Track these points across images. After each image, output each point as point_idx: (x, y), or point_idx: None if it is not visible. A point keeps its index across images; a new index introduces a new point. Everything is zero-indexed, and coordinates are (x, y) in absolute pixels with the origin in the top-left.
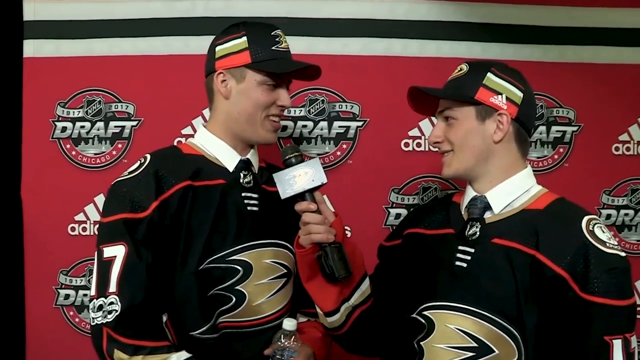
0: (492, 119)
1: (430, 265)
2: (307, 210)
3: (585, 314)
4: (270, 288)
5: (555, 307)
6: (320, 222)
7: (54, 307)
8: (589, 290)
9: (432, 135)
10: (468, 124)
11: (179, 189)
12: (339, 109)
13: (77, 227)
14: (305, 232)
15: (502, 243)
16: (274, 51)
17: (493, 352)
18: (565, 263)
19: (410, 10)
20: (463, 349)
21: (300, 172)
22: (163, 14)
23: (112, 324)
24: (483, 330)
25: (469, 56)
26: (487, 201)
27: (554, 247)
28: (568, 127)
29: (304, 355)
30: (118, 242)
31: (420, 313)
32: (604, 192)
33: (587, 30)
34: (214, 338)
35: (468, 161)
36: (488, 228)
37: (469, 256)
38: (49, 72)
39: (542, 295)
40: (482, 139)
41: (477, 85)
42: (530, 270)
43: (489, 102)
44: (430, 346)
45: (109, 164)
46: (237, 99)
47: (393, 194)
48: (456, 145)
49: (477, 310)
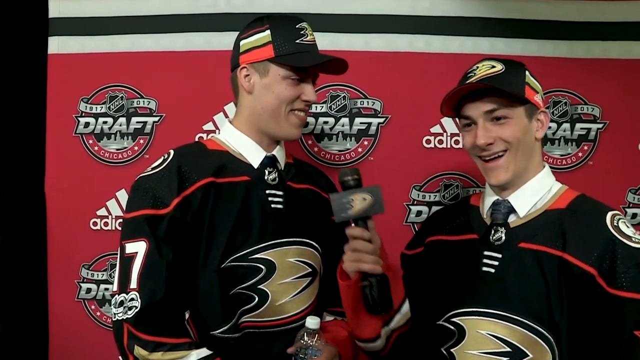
0: (534, 117)
1: (455, 272)
2: (359, 237)
3: (614, 310)
4: (295, 287)
5: (585, 305)
6: (371, 252)
7: (76, 300)
8: (617, 285)
9: (484, 137)
10: (522, 122)
11: (201, 186)
12: (360, 106)
13: (99, 222)
14: (353, 258)
15: (530, 247)
16: (298, 44)
17: (527, 356)
18: (593, 260)
19: (433, 6)
20: (496, 354)
21: (358, 196)
22: (185, 10)
23: (132, 320)
24: (516, 335)
25: (492, 52)
26: (511, 205)
27: (580, 245)
28: (593, 124)
29: (328, 354)
30: (139, 238)
31: (449, 320)
32: (629, 191)
33: (616, 25)
34: (236, 338)
35: (523, 161)
36: (513, 232)
37: (497, 261)
38: (72, 69)
39: (572, 294)
40: (531, 138)
41: (523, 84)
42: (558, 271)
43: (533, 101)
44: (462, 352)
45: (131, 159)
46: (261, 93)
47: (414, 191)
48: (513, 144)
49: (508, 315)
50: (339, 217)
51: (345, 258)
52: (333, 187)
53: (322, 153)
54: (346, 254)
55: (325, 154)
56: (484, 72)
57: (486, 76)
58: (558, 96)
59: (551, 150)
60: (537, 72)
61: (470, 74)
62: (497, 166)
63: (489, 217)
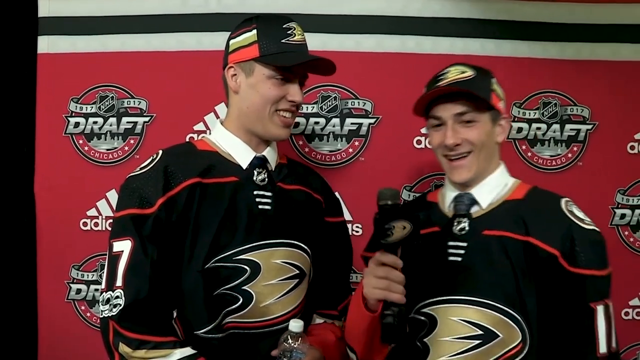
0: (497, 122)
1: (422, 265)
2: (392, 266)
3: (575, 286)
4: (281, 289)
5: (550, 285)
6: (401, 282)
7: (65, 301)
8: (577, 264)
9: (453, 138)
10: (486, 127)
11: (187, 186)
12: (351, 106)
13: (89, 222)
14: (382, 286)
15: (494, 234)
16: (283, 44)
17: (498, 337)
18: (555, 243)
19: (423, 7)
20: (469, 338)
21: (399, 224)
22: (176, 10)
23: (117, 317)
24: (486, 318)
25: (482, 53)
26: (473, 197)
27: (543, 230)
28: (582, 125)
29: (311, 357)
30: (125, 237)
31: (419, 311)
32: (618, 192)
33: (604, 27)
34: (219, 338)
35: (484, 162)
36: (477, 222)
37: (463, 250)
38: (62, 68)
39: (538, 275)
40: (493, 142)
41: (489, 91)
42: (524, 255)
43: (497, 107)
44: (436, 341)
45: (121, 159)
46: (247, 93)
47: (405, 192)
48: (477, 146)
49: (478, 299)
50: (377, 242)
51: (371, 284)
52: (328, 188)
53: (313, 153)
54: (369, 279)
55: (316, 154)
56: (454, 76)
57: (457, 80)
58: (548, 97)
59: (541, 151)
60: (527, 73)
61: (441, 77)
62: (461, 165)
63: (451, 210)
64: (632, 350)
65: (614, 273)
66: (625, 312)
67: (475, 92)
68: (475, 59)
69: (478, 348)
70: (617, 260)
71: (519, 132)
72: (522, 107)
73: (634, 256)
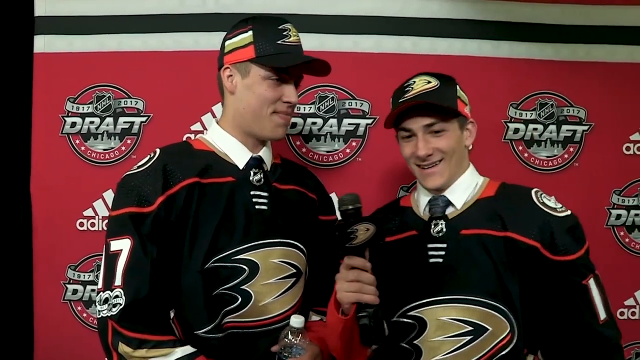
0: (464, 127)
1: (403, 269)
2: (362, 268)
3: (563, 272)
4: (279, 288)
5: (533, 274)
6: (372, 283)
7: (62, 302)
8: (560, 252)
9: (425, 149)
10: (455, 134)
11: (185, 185)
12: (348, 107)
13: (86, 223)
14: (353, 289)
15: (472, 232)
16: (279, 45)
17: (488, 330)
18: (534, 235)
19: (421, 8)
20: (460, 335)
21: (362, 227)
22: (173, 10)
23: (116, 317)
24: (474, 313)
25: (479, 54)
26: (447, 199)
27: (520, 223)
28: (579, 126)
29: (311, 353)
30: (124, 235)
31: (406, 315)
32: (614, 192)
33: (599, 29)
34: (219, 338)
35: (455, 167)
36: (453, 222)
37: (443, 251)
38: (59, 68)
39: (520, 266)
40: (462, 147)
41: (455, 98)
42: (505, 249)
43: (464, 113)
44: (426, 342)
45: (118, 159)
46: (243, 94)
47: (402, 192)
48: (448, 154)
49: (463, 297)
50: (342, 247)
51: (343, 288)
52: (321, 187)
53: (310, 154)
54: (341, 284)
55: (314, 154)
56: (420, 87)
57: (423, 91)
58: (545, 98)
59: (537, 151)
60: (524, 73)
61: (408, 88)
62: (434, 172)
63: (427, 213)
64: (627, 350)
65: (610, 273)
66: (621, 312)
67: (441, 102)
68: (472, 60)
69: (470, 344)
70: (612, 260)
71: (516, 132)
72: (519, 108)
73: (629, 256)
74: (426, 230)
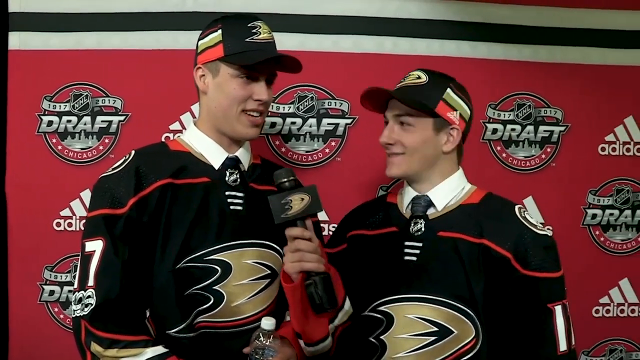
0: (445, 131)
1: (379, 264)
2: (300, 237)
3: (530, 288)
4: (252, 289)
5: (501, 284)
6: (313, 251)
7: (38, 303)
8: (530, 267)
9: (385, 137)
10: (425, 133)
11: (158, 186)
12: (328, 106)
13: (63, 223)
14: (295, 259)
15: (448, 235)
16: (248, 43)
17: (453, 333)
18: (509, 246)
19: (400, 8)
20: (425, 335)
21: (296, 197)
22: (153, 8)
23: (88, 316)
24: (441, 315)
25: (458, 55)
26: (430, 199)
27: (497, 233)
28: (556, 127)
29: (283, 355)
30: (97, 237)
31: (375, 309)
32: (590, 192)
33: (575, 32)
34: (190, 337)
35: (417, 166)
36: (432, 223)
37: (418, 250)
38: (35, 65)
39: (489, 273)
40: (434, 149)
41: (437, 99)
42: (478, 256)
43: (445, 116)
44: (392, 338)
45: (96, 159)
46: (214, 93)
47: (381, 192)
48: (409, 150)
49: (432, 297)
50: (279, 218)
51: (287, 260)
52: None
53: (290, 154)
54: (287, 255)
55: (293, 154)
56: (409, 81)
57: (408, 84)
58: (522, 99)
59: (515, 152)
60: (502, 74)
61: (402, 80)
62: (393, 162)
63: (409, 211)
64: (601, 346)
65: (585, 272)
66: (596, 309)
67: (415, 99)
68: (451, 61)
69: (433, 344)
70: (588, 259)
71: (494, 133)
72: (497, 109)
73: (604, 255)
74: (406, 228)
